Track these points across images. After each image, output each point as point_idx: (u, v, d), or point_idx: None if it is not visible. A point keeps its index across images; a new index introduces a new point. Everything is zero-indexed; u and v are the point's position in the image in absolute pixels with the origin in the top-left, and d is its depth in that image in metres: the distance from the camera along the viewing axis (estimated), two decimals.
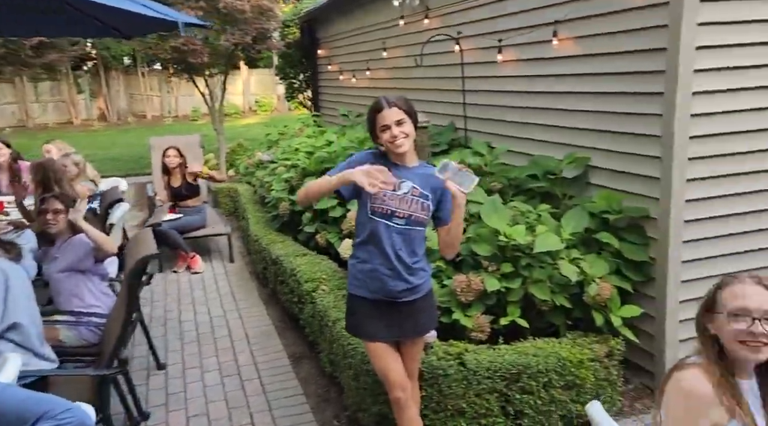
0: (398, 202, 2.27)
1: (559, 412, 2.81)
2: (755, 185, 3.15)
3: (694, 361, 1.64)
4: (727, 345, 1.60)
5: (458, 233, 2.32)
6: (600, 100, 3.50)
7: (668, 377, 1.67)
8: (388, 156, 2.33)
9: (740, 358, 1.59)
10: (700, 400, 1.55)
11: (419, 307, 2.38)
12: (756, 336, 1.54)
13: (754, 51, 3.00)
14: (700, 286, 3.15)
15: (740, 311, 1.57)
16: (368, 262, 2.32)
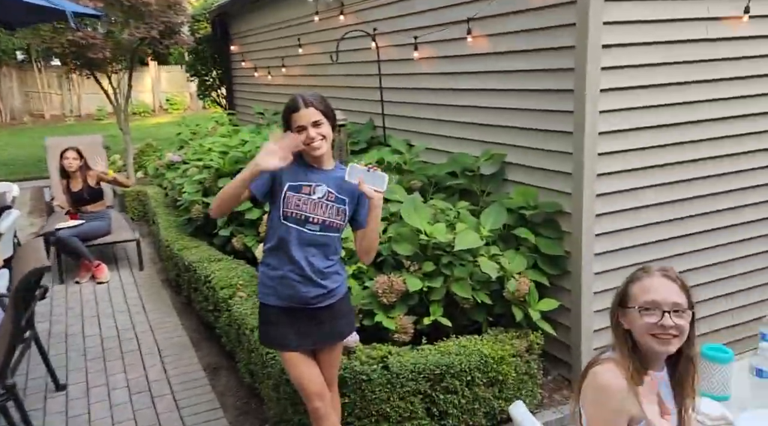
0: (312, 207, 2.16)
1: (483, 410, 2.81)
2: (661, 178, 3.29)
3: (609, 356, 1.65)
4: (640, 338, 1.61)
5: (375, 236, 2.24)
6: (514, 97, 3.55)
7: (585, 374, 1.67)
8: (304, 157, 2.22)
9: (652, 351, 1.61)
10: (616, 394, 1.56)
11: (335, 312, 2.29)
12: (666, 329, 1.56)
13: (659, 49, 3.13)
14: (613, 277, 3.27)
15: (650, 305, 1.59)
16: (278, 269, 2.20)
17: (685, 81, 3.21)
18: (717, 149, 3.39)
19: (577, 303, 3.26)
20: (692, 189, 3.38)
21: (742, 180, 3.51)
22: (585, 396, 1.64)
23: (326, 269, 2.21)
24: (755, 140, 3.48)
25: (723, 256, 3.57)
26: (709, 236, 3.50)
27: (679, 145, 3.28)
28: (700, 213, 3.43)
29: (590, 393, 1.63)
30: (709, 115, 3.32)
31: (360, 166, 2.10)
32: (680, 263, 3.42)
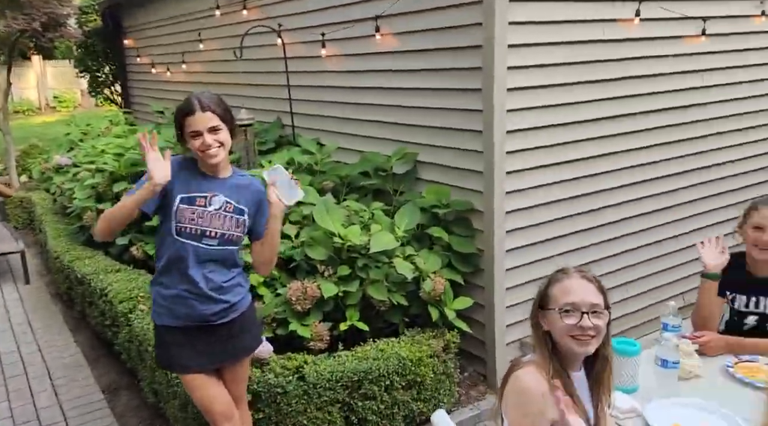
0: (209, 220, 1.99)
1: (402, 413, 2.76)
2: (568, 174, 3.39)
3: (530, 359, 1.65)
4: (560, 340, 1.62)
5: (273, 246, 2.10)
6: (424, 95, 3.54)
7: (506, 378, 1.66)
8: (198, 165, 2.04)
9: (571, 352, 1.62)
10: (538, 397, 1.55)
11: (239, 326, 2.13)
12: (585, 330, 1.57)
13: (562, 49, 3.22)
14: (524, 272, 3.35)
15: (570, 306, 1.59)
16: (172, 288, 2.02)
17: (587, 80, 3.33)
18: (618, 145, 3.54)
19: (490, 299, 3.30)
20: (598, 183, 3.52)
21: (642, 173, 3.69)
22: (506, 400, 1.63)
23: (226, 283, 2.05)
24: (653, 135, 3.68)
25: (628, 245, 3.74)
26: (615, 228, 3.66)
27: (583, 142, 3.40)
28: (605, 206, 3.58)
29: (512, 397, 1.61)
30: (611, 112, 3.47)
31: (284, 171, 1.99)
32: (588, 255, 3.56)
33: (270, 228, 2.05)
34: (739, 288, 2.40)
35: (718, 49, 3.83)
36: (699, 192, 4.00)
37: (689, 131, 3.85)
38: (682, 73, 3.72)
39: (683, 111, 3.78)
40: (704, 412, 1.87)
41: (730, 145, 4.08)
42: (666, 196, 3.85)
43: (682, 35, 3.65)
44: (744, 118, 4.11)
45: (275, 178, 1.97)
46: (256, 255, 2.13)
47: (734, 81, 3.99)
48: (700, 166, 3.96)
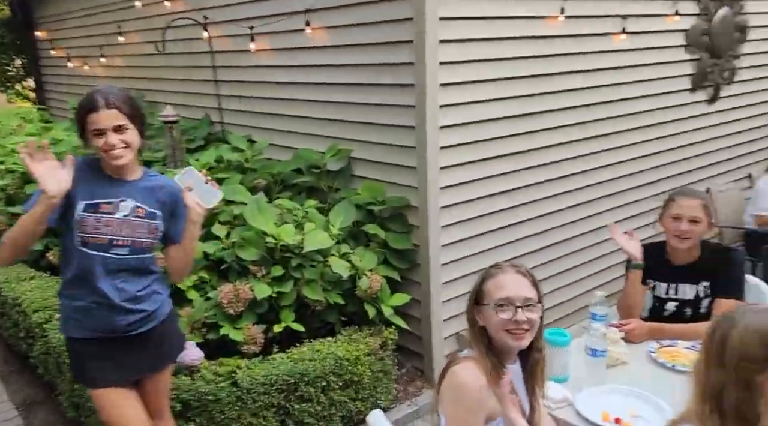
0: (117, 228, 1.85)
1: (340, 414, 2.72)
2: (500, 168, 3.44)
3: (467, 355, 1.65)
4: (495, 335, 1.62)
5: (190, 252, 1.99)
6: (358, 91, 3.50)
7: (443, 374, 1.65)
8: (102, 168, 1.89)
9: (507, 347, 1.63)
10: (475, 392, 1.55)
11: (159, 335, 2.01)
12: (519, 324, 1.59)
13: (493, 45, 3.26)
14: (460, 266, 3.37)
15: (504, 301, 1.60)
16: (80, 299, 1.88)
17: (516, 76, 3.38)
18: (546, 139, 3.62)
19: (426, 294, 3.31)
20: (528, 177, 3.58)
21: (570, 167, 3.79)
22: (444, 396, 1.62)
23: (141, 292, 1.93)
24: (579, 130, 3.78)
25: (557, 237, 3.83)
26: (544, 220, 3.74)
27: (514, 137, 3.46)
28: (535, 200, 3.65)
29: (448, 392, 1.61)
30: (538, 107, 3.53)
31: (197, 173, 1.87)
32: (521, 248, 3.62)
33: (188, 233, 1.94)
34: (660, 276, 2.50)
35: (637, 47, 3.99)
36: (618, 185, 4.13)
37: (613, 126, 3.99)
38: (606, 70, 3.85)
39: (607, 106, 3.91)
40: (631, 397, 1.94)
41: (649, 139, 4.26)
42: (591, 189, 3.96)
43: (604, 33, 3.78)
44: (658, 113, 4.30)
45: (189, 181, 1.87)
46: (171, 261, 2.01)
47: (653, 77, 4.17)
48: (621, 159, 4.10)
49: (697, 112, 4.62)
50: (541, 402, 1.78)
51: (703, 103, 4.67)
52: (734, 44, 4.77)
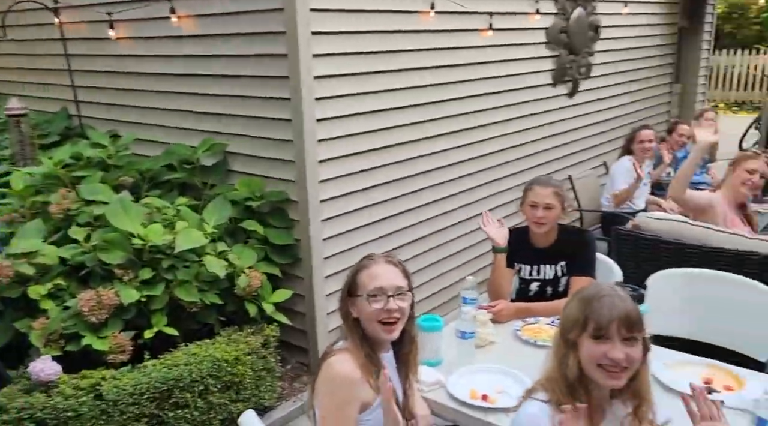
0: None
1: (220, 417, 2.64)
2: (376, 161, 3.48)
3: (342, 346, 1.66)
4: (368, 325, 1.66)
5: None
6: (231, 83, 3.38)
7: (319, 366, 1.65)
8: None
9: (380, 338, 1.66)
10: (349, 382, 1.58)
11: None
12: (391, 312, 1.62)
13: (367, 38, 3.28)
14: (342, 259, 3.38)
15: (376, 292, 1.63)
16: None
17: (390, 69, 3.43)
18: (419, 133, 3.72)
19: (309, 289, 3.29)
20: (406, 169, 3.66)
21: (445, 158, 3.92)
22: (319, 389, 1.62)
23: None
24: (450, 123, 3.92)
25: (434, 227, 3.95)
26: (421, 211, 3.83)
27: (389, 130, 3.51)
28: (414, 190, 3.74)
29: (324, 385, 1.61)
30: (412, 101, 3.61)
31: None
32: (401, 239, 3.70)
33: None
34: (524, 259, 2.67)
35: (503, 43, 4.21)
36: (488, 176, 4.31)
37: (482, 118, 4.18)
38: (475, 64, 4.02)
39: (476, 99, 4.09)
40: (498, 374, 2.05)
41: (516, 131, 4.52)
42: (463, 180, 4.11)
43: (472, 29, 3.94)
44: (524, 106, 4.58)
45: None
46: None
47: (518, 72, 4.43)
48: (490, 151, 4.30)
49: (559, 106, 4.98)
50: (415, 387, 1.83)
51: (564, 96, 5.04)
52: (589, 42, 5.19)
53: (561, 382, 1.38)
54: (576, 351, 1.37)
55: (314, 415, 1.68)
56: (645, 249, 3.10)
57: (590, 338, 1.35)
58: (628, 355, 1.33)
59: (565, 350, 1.39)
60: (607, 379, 1.35)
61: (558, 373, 1.39)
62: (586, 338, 1.36)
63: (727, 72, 13.59)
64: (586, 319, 1.35)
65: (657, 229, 3.08)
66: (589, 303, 1.37)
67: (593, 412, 1.41)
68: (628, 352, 1.33)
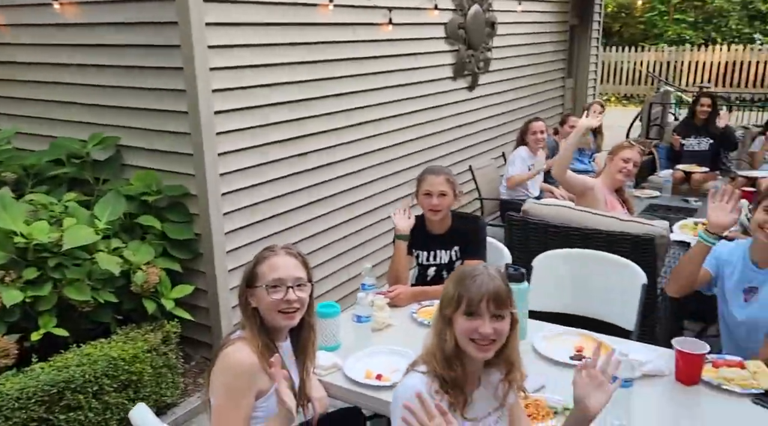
0: None
1: (117, 417, 2.57)
2: (279, 154, 3.48)
3: (239, 336, 1.69)
4: (268, 315, 1.70)
5: None
6: (123, 74, 3.26)
7: (216, 356, 1.67)
8: None
9: (279, 326, 1.72)
10: (245, 371, 1.62)
11: None
12: (291, 303, 1.68)
13: (265, 30, 3.27)
14: (245, 253, 3.36)
15: (276, 282, 1.68)
16: None
17: (287, 62, 3.45)
18: (325, 125, 3.75)
19: (213, 284, 3.25)
20: (307, 162, 3.69)
21: (347, 151, 3.99)
22: (216, 378, 1.64)
23: None
24: (354, 115, 3.98)
25: (337, 219, 4.01)
26: (323, 204, 3.88)
27: (290, 123, 3.53)
28: (316, 183, 3.78)
29: (221, 373, 1.63)
30: (316, 94, 3.65)
31: None
32: (304, 231, 3.73)
33: None
34: (422, 245, 2.79)
35: (404, 37, 4.33)
36: (391, 168, 4.41)
37: (384, 111, 4.28)
38: (376, 58, 4.11)
39: (379, 92, 4.19)
40: (394, 355, 2.14)
41: (418, 124, 4.66)
42: (365, 172, 4.17)
43: (372, 23, 4.02)
44: (426, 99, 4.74)
45: None
46: None
47: (420, 66, 4.57)
48: (393, 143, 4.40)
49: (459, 99, 5.18)
50: (312, 373, 1.89)
51: (464, 90, 5.26)
52: (486, 38, 5.43)
53: (439, 355, 1.48)
54: (452, 326, 1.48)
55: (210, 404, 1.70)
56: (534, 233, 3.31)
57: (463, 315, 1.46)
58: (496, 329, 1.45)
59: (442, 326, 1.50)
60: (478, 352, 1.47)
61: (436, 346, 1.49)
62: (459, 315, 1.46)
63: (616, 67, 14.61)
64: (460, 297, 1.46)
65: (544, 214, 3.30)
66: (463, 282, 1.47)
67: (470, 380, 1.53)
68: (497, 327, 1.45)
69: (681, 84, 13.44)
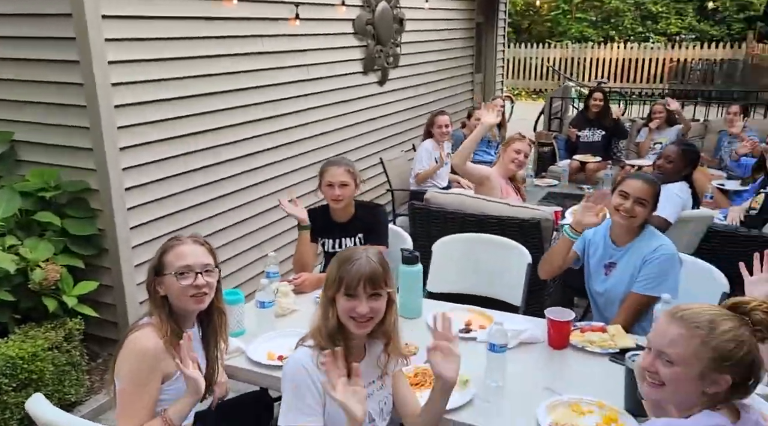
0: None
1: (18, 416, 2.52)
2: (180, 149, 3.47)
3: (147, 322, 1.76)
4: (177, 301, 1.77)
5: None
6: (16, 67, 3.15)
7: (122, 343, 1.73)
8: None
9: (186, 312, 1.80)
10: (151, 355, 1.68)
11: None
12: (200, 288, 1.76)
13: (165, 24, 3.26)
14: (152, 247, 3.31)
15: (184, 269, 1.75)
16: None
17: (191, 56, 3.45)
18: (222, 120, 3.73)
19: (118, 279, 3.22)
20: (211, 156, 3.69)
21: (254, 145, 4.02)
22: (123, 364, 1.70)
23: None
24: (253, 111, 3.98)
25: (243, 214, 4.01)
26: (228, 199, 3.87)
27: (193, 117, 3.52)
28: (221, 178, 3.79)
29: (127, 359, 1.69)
30: (215, 88, 3.64)
31: None
32: (212, 225, 3.74)
33: None
34: (327, 234, 2.91)
35: (313, 32, 4.40)
36: (302, 161, 4.48)
37: (295, 105, 4.35)
38: (283, 53, 4.17)
39: (289, 86, 4.25)
40: (295, 337, 2.13)
41: (330, 117, 4.77)
42: (272, 166, 4.20)
43: (279, 17, 4.07)
44: (337, 93, 4.85)
45: None
46: None
47: (331, 60, 4.67)
48: (304, 136, 4.48)
49: (370, 93, 5.33)
50: (218, 357, 1.97)
51: (375, 84, 5.41)
52: (395, 34, 5.60)
53: (324, 331, 1.61)
54: (334, 306, 1.61)
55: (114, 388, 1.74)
56: (435, 220, 3.51)
57: (344, 296, 1.59)
58: (372, 308, 1.60)
59: (326, 305, 1.63)
60: (357, 328, 1.62)
61: (321, 323, 1.62)
62: (341, 295, 1.60)
63: (526, 63, 15.33)
64: (341, 279, 1.60)
65: (444, 202, 3.51)
66: (343, 265, 1.61)
67: (355, 353, 1.67)
68: (373, 306, 1.60)
69: (584, 79, 14.31)
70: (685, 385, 1.30)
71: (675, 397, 1.33)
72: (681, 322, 1.32)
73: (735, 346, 1.27)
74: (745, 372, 1.28)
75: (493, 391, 1.90)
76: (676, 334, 1.31)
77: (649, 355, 1.37)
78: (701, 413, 1.29)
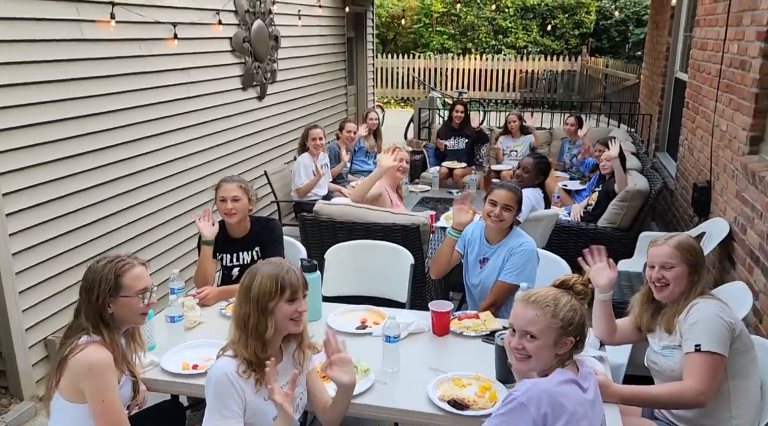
0: None
1: None
2: (67, 170, 3.42)
3: (91, 340, 1.91)
4: (128, 319, 2.01)
5: None
6: None
7: (65, 363, 1.86)
8: None
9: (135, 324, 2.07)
10: (104, 365, 1.87)
11: None
12: (151, 305, 2.05)
13: (42, 47, 3.21)
14: (37, 272, 3.27)
15: (144, 291, 2.00)
16: None
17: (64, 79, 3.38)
18: (109, 140, 3.73)
19: (2, 307, 3.11)
20: (98, 176, 3.66)
21: (142, 162, 4.03)
22: (84, 383, 1.84)
23: None
24: (146, 127, 4.02)
25: (136, 230, 4.04)
26: (122, 215, 3.89)
27: (77, 138, 3.48)
28: (109, 197, 3.77)
29: (85, 374, 1.85)
30: (103, 108, 3.65)
31: None
32: (97, 247, 3.69)
33: None
34: (225, 249, 3.06)
35: (191, 51, 4.48)
36: (189, 177, 4.55)
37: (179, 122, 4.41)
38: (162, 72, 4.20)
39: (169, 105, 4.30)
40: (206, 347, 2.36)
41: (213, 133, 4.86)
42: (162, 182, 4.27)
43: (157, 38, 4.11)
44: (218, 109, 4.95)
45: None
46: None
47: (210, 78, 4.76)
48: (188, 153, 4.54)
49: (250, 108, 5.47)
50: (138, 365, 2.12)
51: (254, 99, 5.56)
52: (271, 50, 5.79)
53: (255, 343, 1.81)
54: (273, 315, 1.83)
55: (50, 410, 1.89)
56: (325, 229, 3.78)
57: (286, 302, 1.83)
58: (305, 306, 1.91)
59: (259, 317, 1.82)
60: (296, 327, 1.89)
61: (252, 336, 1.81)
62: (283, 302, 1.83)
63: (394, 72, 16.08)
64: (283, 288, 1.82)
65: (332, 212, 3.79)
66: (279, 276, 1.83)
67: (277, 354, 1.91)
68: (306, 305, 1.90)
69: (446, 88, 15.35)
70: (545, 353, 1.69)
71: (538, 364, 1.72)
72: (534, 305, 1.71)
73: (574, 313, 1.69)
74: (581, 331, 1.71)
75: (391, 376, 2.21)
76: (532, 314, 1.70)
77: (514, 337, 1.74)
78: (555, 371, 1.69)
